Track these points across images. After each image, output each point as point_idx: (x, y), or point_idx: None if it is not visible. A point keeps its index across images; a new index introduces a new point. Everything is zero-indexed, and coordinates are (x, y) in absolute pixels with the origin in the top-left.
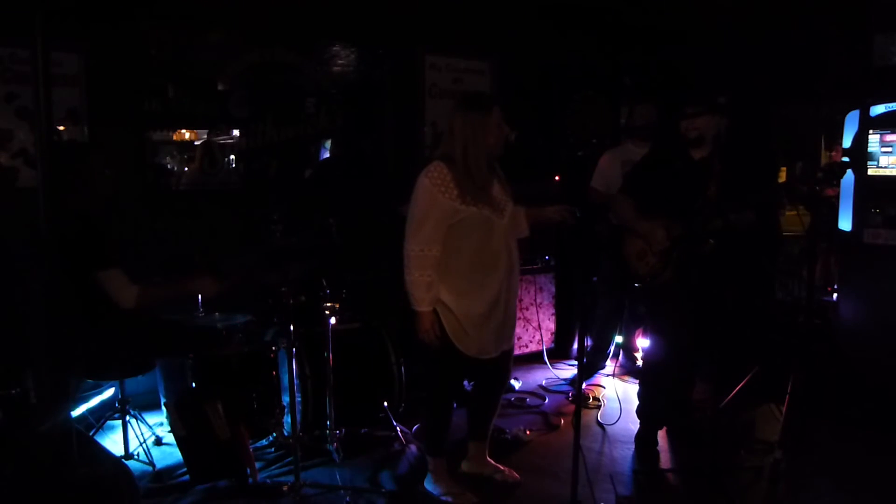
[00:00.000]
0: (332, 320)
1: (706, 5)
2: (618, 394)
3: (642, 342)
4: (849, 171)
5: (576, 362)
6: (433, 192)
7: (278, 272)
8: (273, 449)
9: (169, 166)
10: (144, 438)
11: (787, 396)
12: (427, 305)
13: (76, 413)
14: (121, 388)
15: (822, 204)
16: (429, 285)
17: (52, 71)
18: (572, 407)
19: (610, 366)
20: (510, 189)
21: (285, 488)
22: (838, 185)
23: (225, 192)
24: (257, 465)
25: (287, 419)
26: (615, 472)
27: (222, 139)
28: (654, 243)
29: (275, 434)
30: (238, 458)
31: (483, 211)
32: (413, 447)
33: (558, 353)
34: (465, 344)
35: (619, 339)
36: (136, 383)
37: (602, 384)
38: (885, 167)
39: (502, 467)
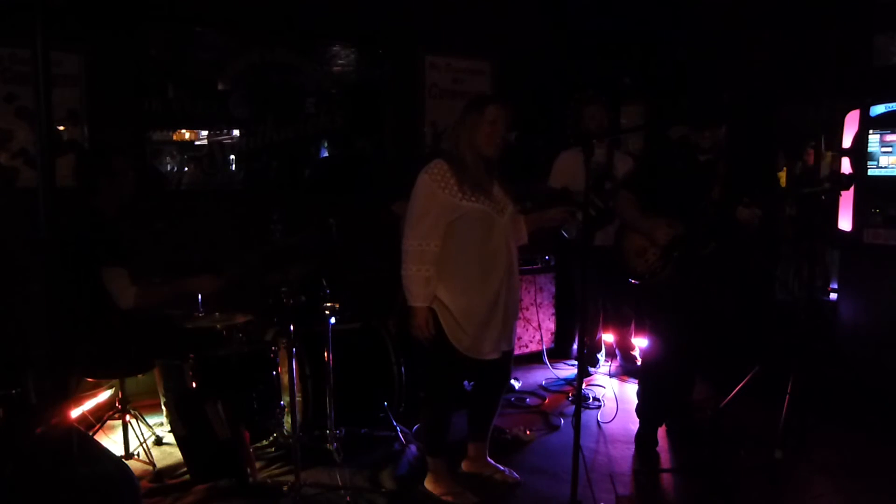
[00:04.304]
0: (332, 320)
1: (706, 5)
2: (616, 394)
3: (640, 342)
4: (849, 171)
5: (575, 362)
6: (432, 187)
7: (278, 272)
8: (273, 449)
9: (169, 166)
10: (144, 438)
11: (787, 396)
12: (423, 301)
13: (76, 413)
14: (121, 388)
15: (818, 208)
16: (426, 280)
17: (52, 71)
18: (572, 407)
19: (608, 365)
20: (512, 193)
21: (285, 488)
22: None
23: (225, 192)
24: (257, 465)
25: (287, 419)
26: (615, 472)
27: (222, 139)
28: (658, 239)
29: (275, 434)
30: (238, 458)
31: (483, 206)
32: (413, 447)
33: (558, 353)
34: (463, 343)
35: (609, 338)
36: (136, 383)
37: (602, 384)
38: (885, 167)
39: (502, 467)
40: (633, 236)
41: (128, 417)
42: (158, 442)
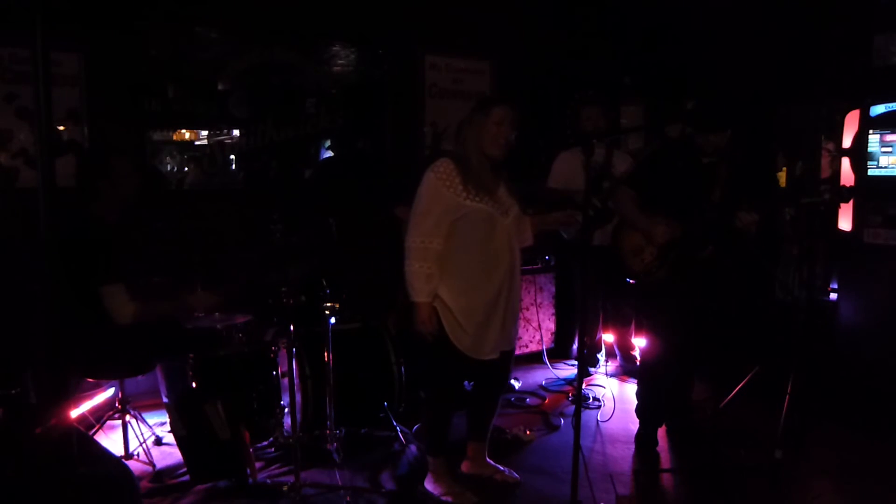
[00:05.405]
0: (332, 320)
1: (706, 5)
2: (616, 394)
3: (640, 342)
4: (849, 171)
5: (575, 362)
6: (437, 185)
7: (278, 272)
8: (273, 449)
9: (169, 166)
10: (144, 438)
11: (787, 396)
12: (425, 297)
13: (76, 413)
14: (121, 388)
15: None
16: (428, 277)
17: (52, 71)
18: (572, 407)
19: (607, 366)
20: (517, 195)
21: (285, 488)
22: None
23: (225, 192)
24: (257, 465)
25: (287, 419)
26: (615, 472)
27: (222, 139)
28: (656, 237)
29: (275, 434)
30: (238, 458)
31: (487, 206)
32: (413, 447)
33: (558, 353)
34: (463, 342)
35: (609, 338)
36: (136, 383)
37: (601, 384)
38: (885, 167)
39: (502, 467)
40: (630, 235)
41: (128, 417)
42: (158, 442)
